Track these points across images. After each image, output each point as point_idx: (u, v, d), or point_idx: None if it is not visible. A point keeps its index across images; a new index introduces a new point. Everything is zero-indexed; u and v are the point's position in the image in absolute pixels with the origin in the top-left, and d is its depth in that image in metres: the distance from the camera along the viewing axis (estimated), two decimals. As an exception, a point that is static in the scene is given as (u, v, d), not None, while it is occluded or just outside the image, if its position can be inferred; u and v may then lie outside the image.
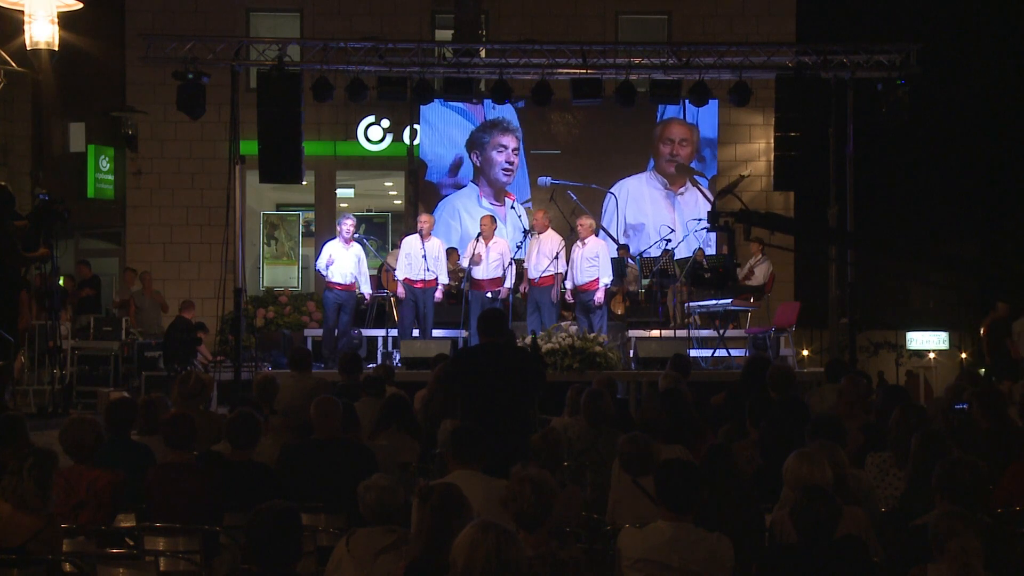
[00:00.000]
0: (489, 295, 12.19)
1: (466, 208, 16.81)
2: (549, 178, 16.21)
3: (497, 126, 16.79)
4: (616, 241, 15.13)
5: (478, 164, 16.86)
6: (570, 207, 15.58)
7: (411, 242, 12.32)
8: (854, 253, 12.77)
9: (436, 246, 12.32)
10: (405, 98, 13.69)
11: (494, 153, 16.79)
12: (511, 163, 16.77)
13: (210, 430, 6.80)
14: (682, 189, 16.79)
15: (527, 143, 16.90)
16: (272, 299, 15.88)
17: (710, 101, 13.52)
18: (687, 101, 13.93)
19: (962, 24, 23.62)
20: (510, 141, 16.79)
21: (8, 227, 8.60)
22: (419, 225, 12.39)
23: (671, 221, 16.17)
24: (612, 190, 16.24)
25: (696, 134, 16.86)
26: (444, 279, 12.36)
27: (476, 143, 16.86)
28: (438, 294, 12.32)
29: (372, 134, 17.60)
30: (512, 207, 15.83)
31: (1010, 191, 24.99)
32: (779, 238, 13.66)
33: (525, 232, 12.88)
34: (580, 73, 12.95)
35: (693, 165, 16.95)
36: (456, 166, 17.03)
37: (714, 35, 17.02)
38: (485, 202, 16.67)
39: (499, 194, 16.80)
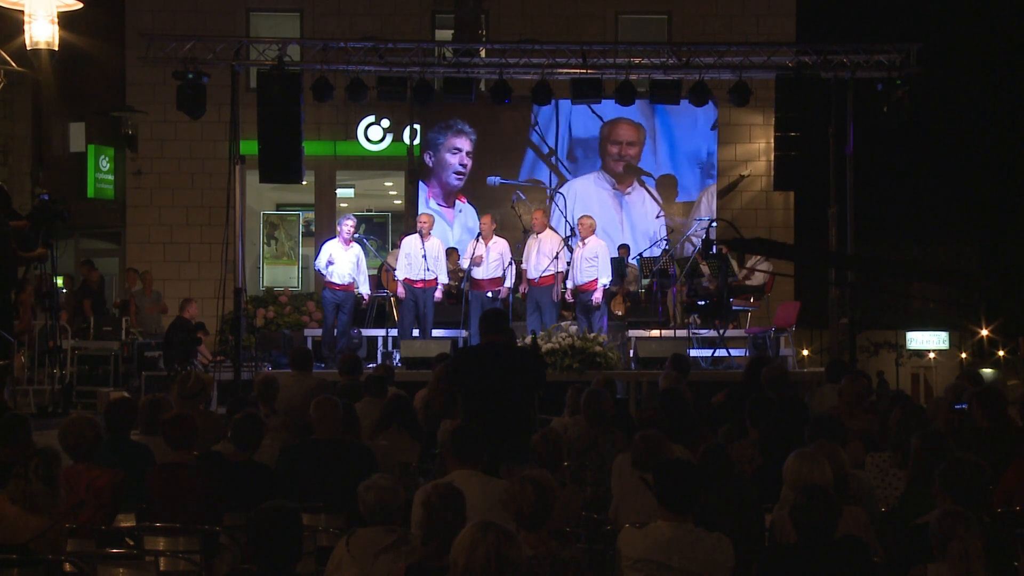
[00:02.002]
0: (489, 295, 12.18)
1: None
2: (498, 178, 16.21)
3: (451, 127, 16.64)
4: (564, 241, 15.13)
5: (431, 164, 16.70)
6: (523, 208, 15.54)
7: (411, 242, 12.32)
8: (853, 274, 12.75)
9: (436, 246, 12.32)
10: (405, 98, 13.69)
11: (447, 155, 16.64)
12: (464, 166, 16.67)
13: (210, 430, 6.79)
14: (629, 189, 16.72)
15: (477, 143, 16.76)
16: (272, 299, 15.88)
17: (682, 99, 13.41)
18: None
19: (962, 24, 23.65)
20: (464, 144, 16.68)
21: (4, 227, 8.59)
22: (419, 225, 12.38)
23: (618, 221, 16.13)
24: (561, 190, 16.25)
25: (643, 134, 16.78)
26: (444, 279, 12.35)
27: (430, 143, 16.69)
28: (438, 294, 12.32)
29: (372, 134, 17.60)
30: (461, 211, 15.78)
31: (1010, 191, 25.02)
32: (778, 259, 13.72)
33: (525, 232, 12.88)
34: (580, 73, 12.96)
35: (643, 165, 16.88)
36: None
37: (714, 35, 17.01)
38: (433, 203, 16.54)
39: (448, 196, 16.69)
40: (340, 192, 18.84)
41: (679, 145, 16.63)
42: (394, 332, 12.94)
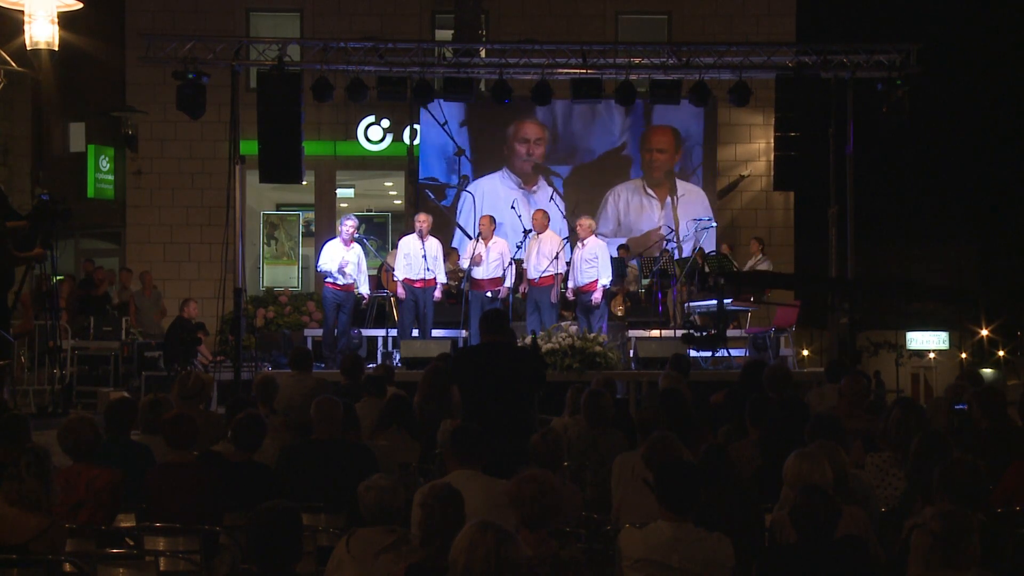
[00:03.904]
0: (489, 295, 12.18)
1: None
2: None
3: None
4: (470, 237, 15.11)
5: None
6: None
7: (410, 242, 12.30)
8: (853, 298, 12.71)
9: (435, 246, 12.30)
10: (405, 98, 13.68)
11: None
12: None
13: (210, 430, 6.79)
14: (535, 188, 16.75)
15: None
16: (272, 299, 15.89)
17: (682, 99, 13.39)
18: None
19: (962, 24, 23.67)
20: None
21: (1, 227, 8.57)
22: (417, 225, 12.36)
23: (527, 220, 16.24)
24: (468, 189, 16.28)
25: (548, 133, 16.81)
26: (443, 279, 12.34)
27: None
28: (437, 293, 12.31)
29: (372, 134, 17.61)
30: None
31: (1009, 191, 25.04)
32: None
33: (525, 232, 12.87)
34: (580, 73, 12.94)
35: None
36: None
37: (714, 35, 17.02)
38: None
39: None
40: (340, 192, 18.84)
41: (430, 140, 16.70)
42: (394, 332, 12.93)
